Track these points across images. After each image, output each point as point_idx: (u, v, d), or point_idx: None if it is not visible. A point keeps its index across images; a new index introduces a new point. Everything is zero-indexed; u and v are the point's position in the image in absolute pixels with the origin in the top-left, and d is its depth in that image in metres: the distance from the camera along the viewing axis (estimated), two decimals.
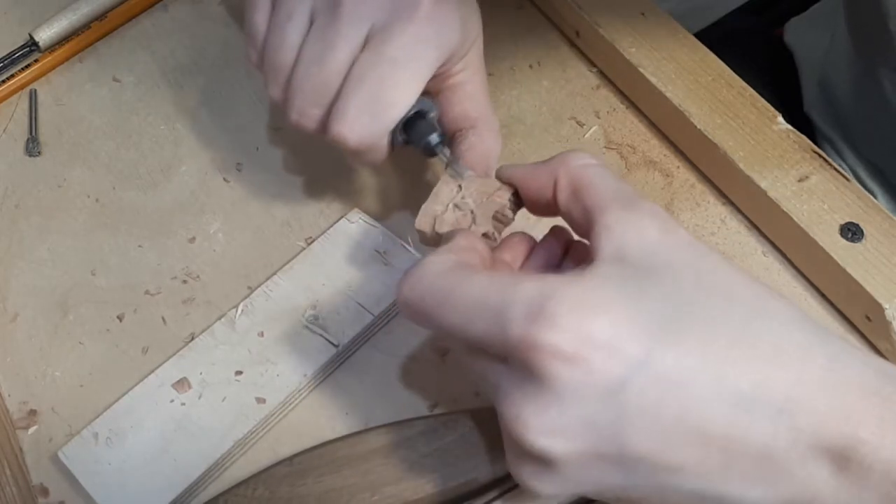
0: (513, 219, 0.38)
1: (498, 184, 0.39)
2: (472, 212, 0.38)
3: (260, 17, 0.41)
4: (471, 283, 0.30)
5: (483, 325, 0.30)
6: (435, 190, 0.40)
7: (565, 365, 0.28)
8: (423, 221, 0.39)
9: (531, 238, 0.38)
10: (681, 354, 0.28)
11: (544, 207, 0.36)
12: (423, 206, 0.40)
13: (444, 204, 0.39)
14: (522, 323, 0.28)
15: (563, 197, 0.34)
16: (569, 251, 0.38)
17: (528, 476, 0.31)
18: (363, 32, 0.39)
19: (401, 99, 0.39)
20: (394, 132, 0.40)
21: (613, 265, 0.30)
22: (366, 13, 0.38)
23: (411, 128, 0.41)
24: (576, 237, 0.37)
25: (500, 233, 0.38)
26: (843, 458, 0.27)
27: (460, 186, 0.40)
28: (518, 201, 0.38)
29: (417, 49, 0.39)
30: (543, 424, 0.29)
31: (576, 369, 0.28)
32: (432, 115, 0.41)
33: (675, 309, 0.28)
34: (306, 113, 0.40)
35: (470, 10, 0.42)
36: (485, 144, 0.42)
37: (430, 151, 0.41)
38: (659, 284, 0.29)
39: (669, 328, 0.28)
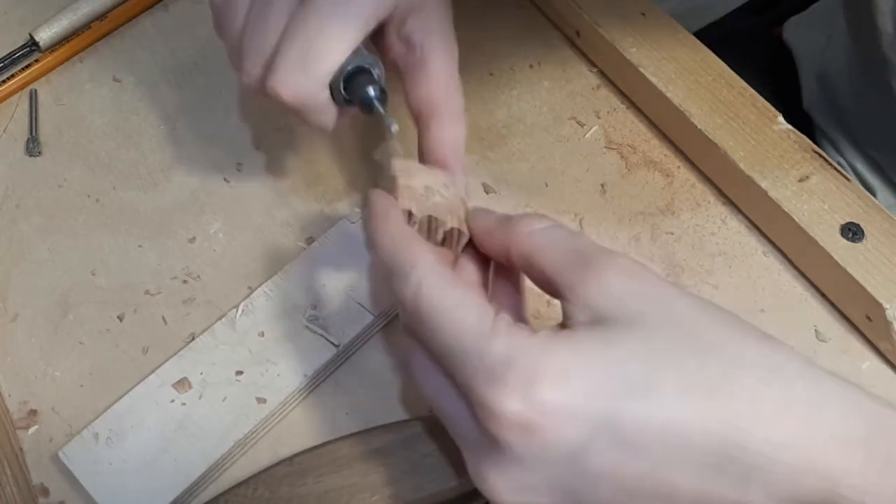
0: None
1: (462, 203, 0.37)
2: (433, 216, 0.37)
3: None
4: (459, 314, 0.30)
5: (456, 364, 0.29)
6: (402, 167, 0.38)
7: (520, 433, 0.28)
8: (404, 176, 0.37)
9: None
10: (648, 415, 0.27)
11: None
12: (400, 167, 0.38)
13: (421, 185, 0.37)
14: (483, 383, 0.28)
15: (520, 265, 0.33)
16: None
17: None
18: None
19: (330, 51, 0.38)
20: (335, 90, 0.39)
21: (586, 329, 0.29)
22: None
23: (351, 84, 0.39)
24: None
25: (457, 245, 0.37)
26: None
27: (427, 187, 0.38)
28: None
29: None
30: (507, 484, 0.29)
31: (530, 438, 0.27)
32: (376, 71, 0.39)
33: (647, 363, 0.28)
34: (250, 73, 0.39)
35: None
36: (448, 134, 0.41)
37: (368, 106, 0.39)
38: (631, 340, 0.28)
39: (639, 387, 0.27)
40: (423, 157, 0.41)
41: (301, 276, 0.45)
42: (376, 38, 0.41)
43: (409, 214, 0.36)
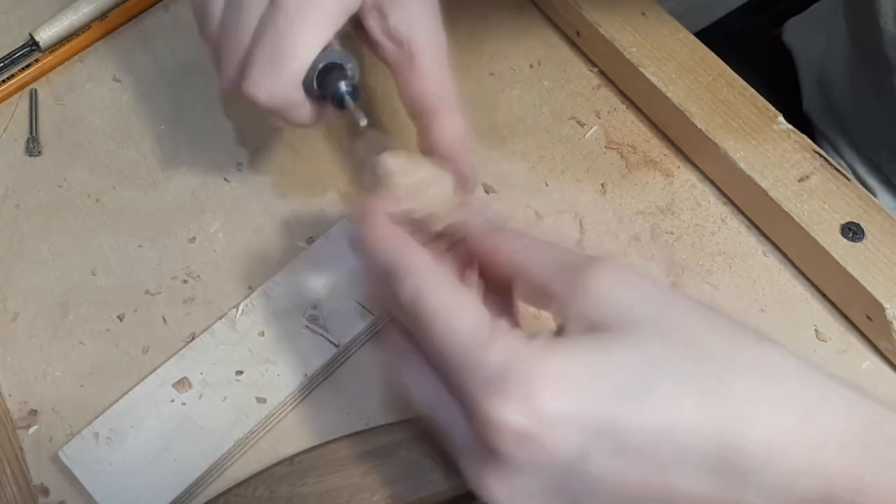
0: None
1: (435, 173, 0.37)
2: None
3: None
4: (456, 320, 0.30)
5: (453, 370, 0.29)
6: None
7: (518, 443, 0.27)
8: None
9: None
10: (645, 419, 0.27)
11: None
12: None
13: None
14: (480, 393, 0.28)
15: (511, 279, 0.33)
16: None
17: None
18: None
19: (298, 50, 0.38)
20: (309, 87, 0.39)
21: (581, 335, 0.29)
22: None
23: (324, 80, 0.39)
24: None
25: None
26: None
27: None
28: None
29: None
30: (506, 491, 0.29)
31: (529, 446, 0.27)
32: (349, 66, 0.39)
33: (643, 369, 0.28)
34: (227, 76, 0.40)
35: None
36: (449, 129, 0.40)
37: (340, 102, 0.38)
38: (625, 346, 0.28)
39: (635, 393, 0.27)
40: (426, 154, 0.41)
41: (301, 275, 0.45)
42: (364, 35, 0.41)
43: (402, 213, 0.36)
